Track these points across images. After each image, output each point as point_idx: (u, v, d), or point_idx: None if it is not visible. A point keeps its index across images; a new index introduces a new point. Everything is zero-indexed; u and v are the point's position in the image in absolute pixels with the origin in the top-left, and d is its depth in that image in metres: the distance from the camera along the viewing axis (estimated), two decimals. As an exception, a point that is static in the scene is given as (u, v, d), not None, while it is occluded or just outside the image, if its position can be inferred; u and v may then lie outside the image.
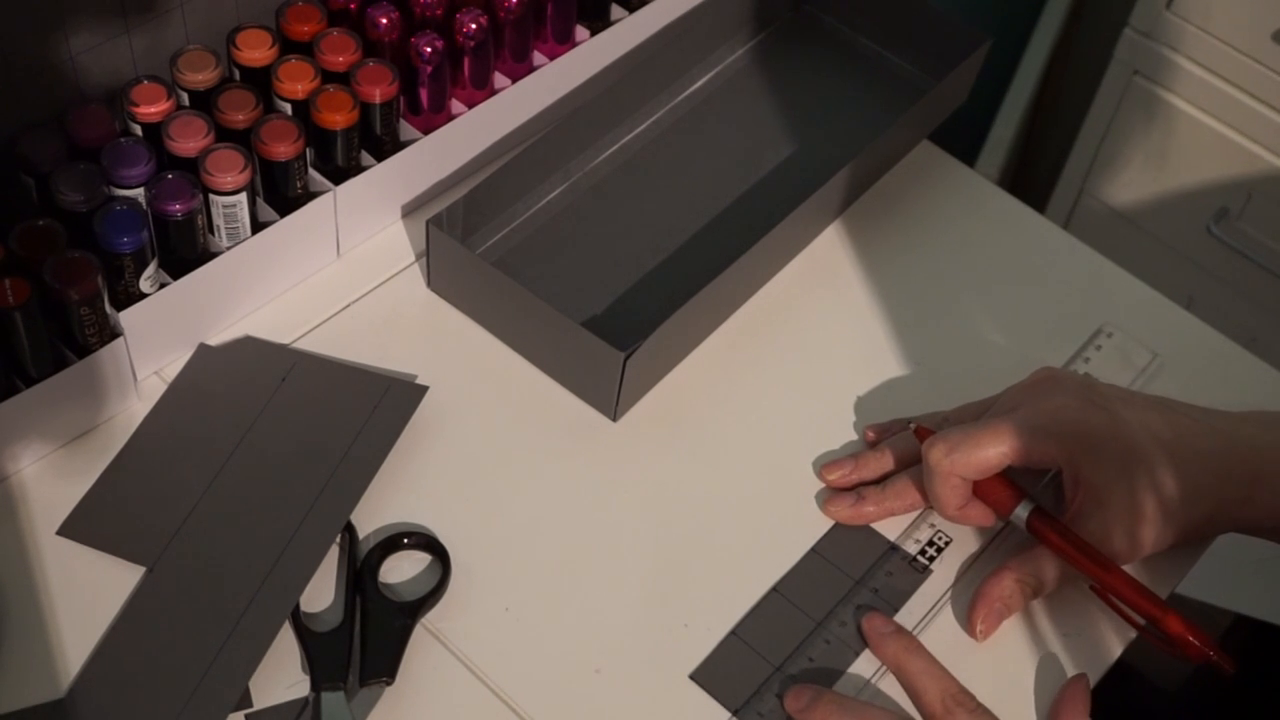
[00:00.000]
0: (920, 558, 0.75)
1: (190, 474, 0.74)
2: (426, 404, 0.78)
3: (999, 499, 0.73)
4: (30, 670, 0.67)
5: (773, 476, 0.78)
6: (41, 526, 0.72)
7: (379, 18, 0.83)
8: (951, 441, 0.71)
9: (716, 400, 0.81)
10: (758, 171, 0.91)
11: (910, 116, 0.89)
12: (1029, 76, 1.49)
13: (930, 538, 0.76)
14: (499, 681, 0.69)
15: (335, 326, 0.81)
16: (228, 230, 0.78)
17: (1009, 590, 0.71)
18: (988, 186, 0.93)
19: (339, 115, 0.80)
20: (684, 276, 0.84)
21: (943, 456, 0.71)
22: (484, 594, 0.72)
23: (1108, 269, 0.89)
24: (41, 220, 0.72)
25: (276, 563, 0.70)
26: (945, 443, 0.71)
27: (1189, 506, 0.70)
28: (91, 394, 0.74)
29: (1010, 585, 0.71)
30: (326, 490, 0.73)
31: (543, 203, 0.88)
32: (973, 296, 0.87)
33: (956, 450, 0.71)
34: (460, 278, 0.82)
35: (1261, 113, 1.27)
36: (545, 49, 0.91)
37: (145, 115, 0.77)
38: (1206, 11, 1.26)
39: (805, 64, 0.97)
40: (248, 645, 0.68)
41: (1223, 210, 1.34)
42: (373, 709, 0.67)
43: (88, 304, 0.71)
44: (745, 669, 0.70)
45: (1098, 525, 0.71)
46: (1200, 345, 0.86)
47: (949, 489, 0.72)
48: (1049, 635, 0.73)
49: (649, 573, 0.74)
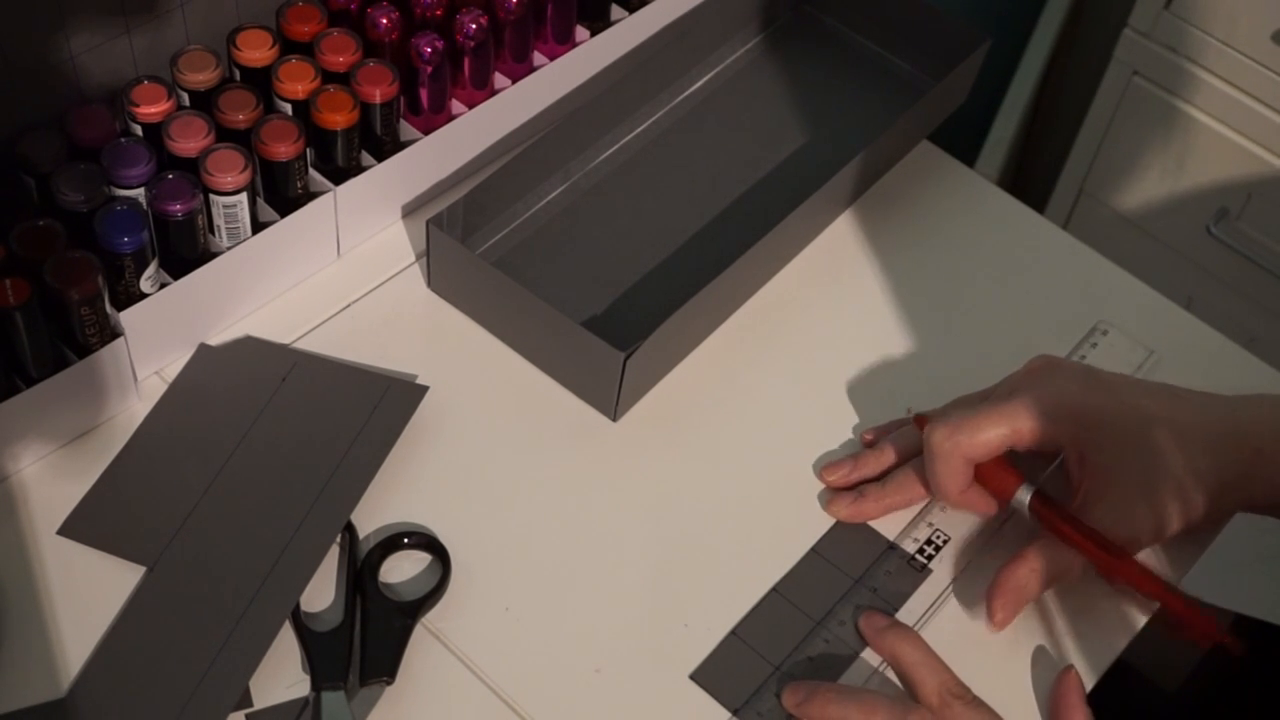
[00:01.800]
0: (919, 556, 0.75)
1: (190, 474, 0.74)
2: (426, 404, 0.78)
3: (1000, 483, 0.73)
4: (30, 670, 0.67)
5: (773, 476, 0.78)
6: (41, 526, 0.72)
7: (379, 18, 0.83)
8: (953, 424, 0.71)
9: (716, 400, 0.81)
10: (758, 171, 0.91)
11: (910, 116, 0.89)
12: (1029, 76, 1.49)
13: (929, 536, 0.76)
14: (499, 681, 0.69)
15: (335, 326, 0.81)
16: (228, 230, 0.78)
17: (1024, 579, 0.71)
18: (987, 186, 0.93)
19: (339, 115, 0.80)
20: (684, 276, 0.84)
21: (944, 439, 0.71)
22: (484, 594, 0.72)
23: (1107, 269, 0.89)
24: (42, 220, 0.72)
25: (276, 562, 0.70)
26: (947, 425, 0.71)
27: (1194, 485, 0.71)
28: (91, 394, 0.74)
29: (1025, 574, 0.71)
30: (326, 490, 0.73)
31: (543, 203, 0.88)
32: (972, 296, 0.87)
33: (959, 432, 0.71)
34: (460, 278, 0.82)
35: (1261, 113, 1.27)
36: (545, 49, 0.91)
37: (145, 115, 0.77)
38: (1206, 12, 1.26)
39: (805, 64, 0.97)
40: (248, 645, 0.68)
41: (1222, 210, 1.34)
42: (373, 709, 0.67)
43: (88, 304, 0.71)
44: (745, 669, 0.70)
45: (1107, 508, 0.71)
46: (1199, 345, 0.86)
47: (950, 471, 0.72)
48: (1049, 635, 0.73)
49: (649, 573, 0.74)
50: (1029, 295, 0.87)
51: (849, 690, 0.68)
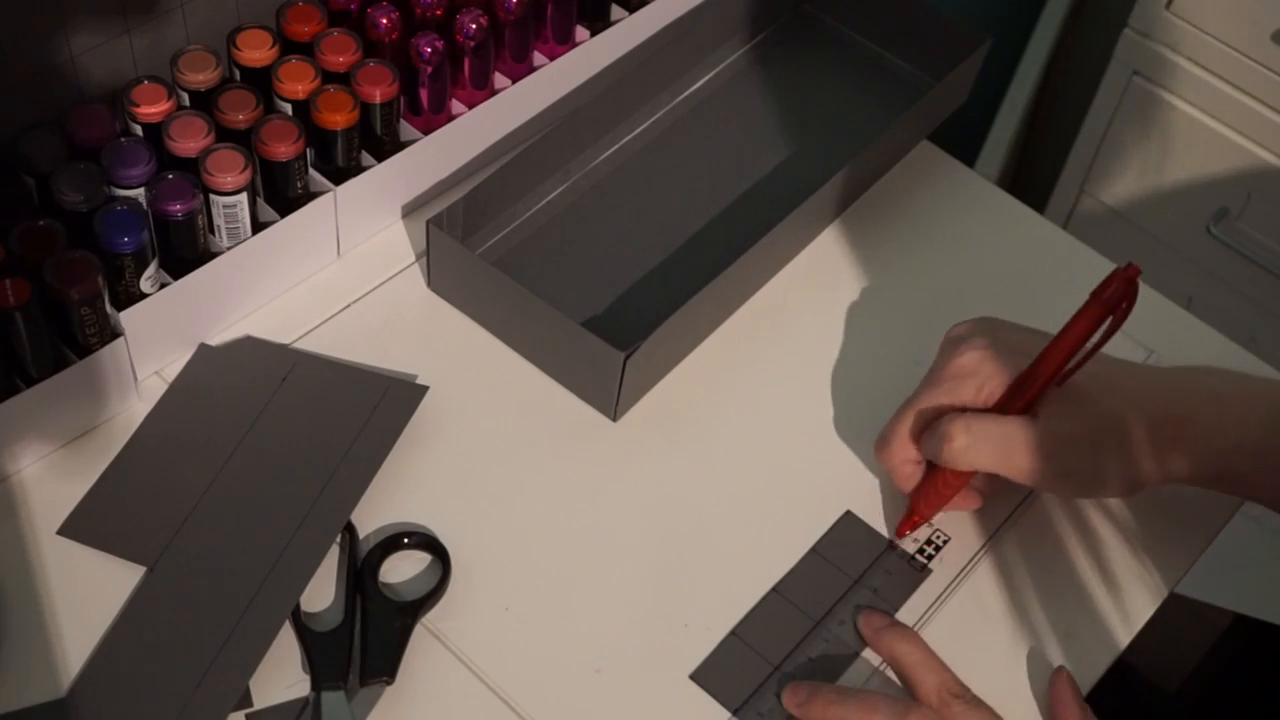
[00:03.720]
0: (919, 556, 0.75)
1: (190, 474, 0.74)
2: (426, 404, 0.78)
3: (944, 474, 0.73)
4: (30, 670, 0.67)
5: (773, 476, 0.78)
6: (41, 526, 0.72)
7: (379, 18, 0.83)
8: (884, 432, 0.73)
9: (716, 400, 0.81)
10: (758, 171, 0.91)
11: (910, 116, 0.89)
12: (1029, 76, 1.49)
13: (929, 536, 0.76)
14: (499, 681, 0.69)
15: (335, 326, 0.81)
16: (228, 230, 0.78)
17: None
18: (987, 186, 0.93)
19: (339, 115, 0.80)
20: (684, 276, 0.84)
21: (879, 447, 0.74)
22: (484, 594, 0.72)
23: (1107, 269, 0.89)
24: (42, 220, 0.72)
25: (276, 562, 0.70)
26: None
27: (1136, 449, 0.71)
28: (92, 394, 0.74)
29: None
30: (326, 490, 0.73)
31: (543, 203, 0.88)
32: (972, 296, 0.87)
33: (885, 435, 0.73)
34: (460, 278, 0.82)
35: (1261, 113, 1.27)
36: (545, 49, 0.91)
37: (146, 115, 0.77)
38: (1206, 12, 1.26)
39: (805, 64, 0.98)
40: (248, 645, 0.68)
41: (1222, 210, 1.34)
42: (373, 709, 0.67)
43: (88, 304, 0.71)
44: (745, 669, 0.70)
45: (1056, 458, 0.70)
46: (1200, 345, 0.86)
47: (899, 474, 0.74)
48: (1049, 635, 0.73)
49: (649, 573, 0.74)
50: (1029, 295, 0.87)
51: (850, 691, 0.68)
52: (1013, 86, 1.51)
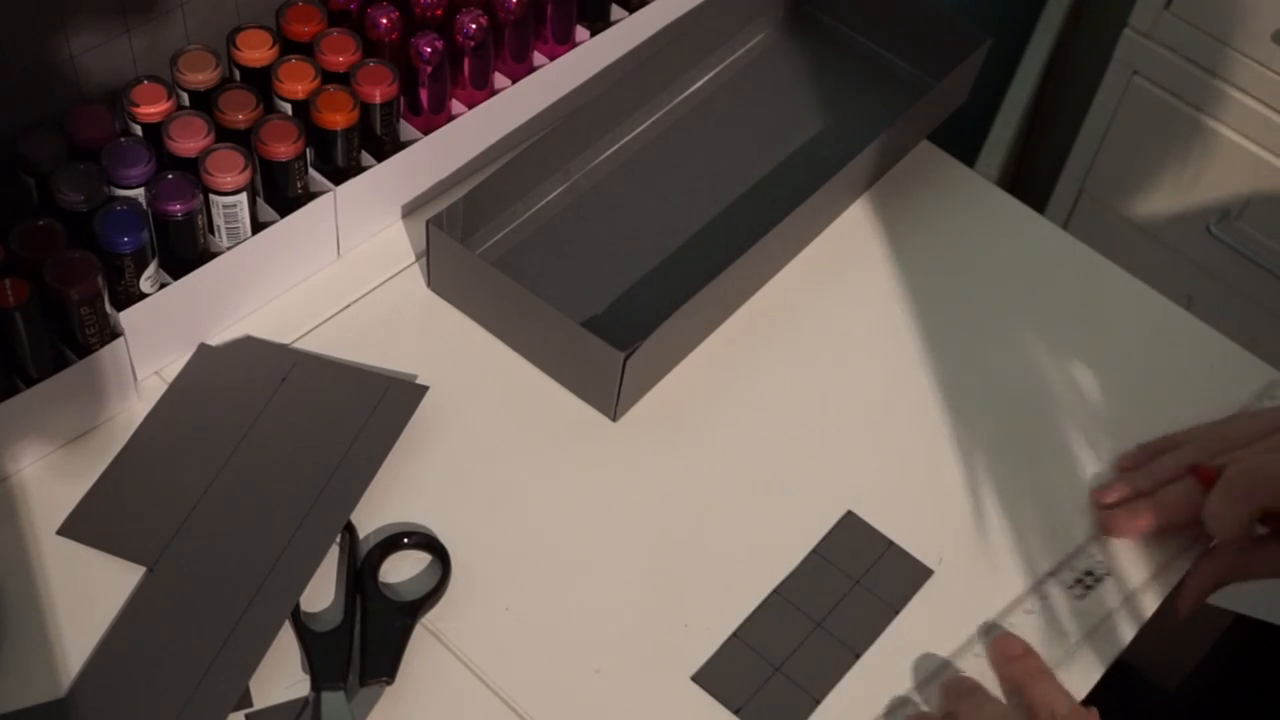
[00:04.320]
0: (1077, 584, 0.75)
1: (190, 474, 0.74)
2: (426, 404, 0.78)
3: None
4: (30, 670, 0.67)
5: (773, 477, 0.78)
6: (41, 526, 0.72)
7: (379, 18, 0.83)
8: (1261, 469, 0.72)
9: (716, 400, 0.81)
10: (757, 171, 0.91)
11: (910, 116, 0.89)
12: (1029, 76, 1.49)
13: (1088, 567, 0.76)
14: (499, 681, 0.69)
15: (335, 326, 0.81)
16: (228, 230, 0.78)
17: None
18: (987, 186, 0.93)
19: (339, 115, 0.80)
20: (684, 276, 0.84)
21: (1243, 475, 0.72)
22: (484, 594, 0.72)
23: (1107, 269, 0.89)
24: (41, 220, 0.72)
25: (276, 562, 0.70)
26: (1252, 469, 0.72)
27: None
28: (91, 394, 0.74)
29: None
30: (326, 490, 0.73)
31: (543, 203, 0.88)
32: (972, 296, 0.87)
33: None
34: (460, 278, 0.82)
35: (1261, 113, 1.27)
36: (545, 49, 0.91)
37: (145, 115, 0.77)
38: (1206, 12, 1.26)
39: (805, 64, 0.97)
40: (248, 645, 0.68)
41: (1223, 210, 1.34)
42: (373, 709, 0.67)
43: (88, 304, 0.71)
44: (746, 670, 0.70)
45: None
46: (1199, 345, 0.86)
47: (1242, 511, 0.72)
48: (1049, 635, 0.73)
49: (649, 573, 0.74)
50: (1029, 295, 0.87)
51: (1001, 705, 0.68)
52: (1013, 86, 1.50)
